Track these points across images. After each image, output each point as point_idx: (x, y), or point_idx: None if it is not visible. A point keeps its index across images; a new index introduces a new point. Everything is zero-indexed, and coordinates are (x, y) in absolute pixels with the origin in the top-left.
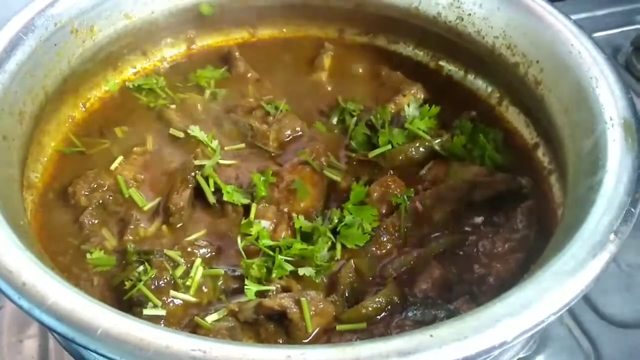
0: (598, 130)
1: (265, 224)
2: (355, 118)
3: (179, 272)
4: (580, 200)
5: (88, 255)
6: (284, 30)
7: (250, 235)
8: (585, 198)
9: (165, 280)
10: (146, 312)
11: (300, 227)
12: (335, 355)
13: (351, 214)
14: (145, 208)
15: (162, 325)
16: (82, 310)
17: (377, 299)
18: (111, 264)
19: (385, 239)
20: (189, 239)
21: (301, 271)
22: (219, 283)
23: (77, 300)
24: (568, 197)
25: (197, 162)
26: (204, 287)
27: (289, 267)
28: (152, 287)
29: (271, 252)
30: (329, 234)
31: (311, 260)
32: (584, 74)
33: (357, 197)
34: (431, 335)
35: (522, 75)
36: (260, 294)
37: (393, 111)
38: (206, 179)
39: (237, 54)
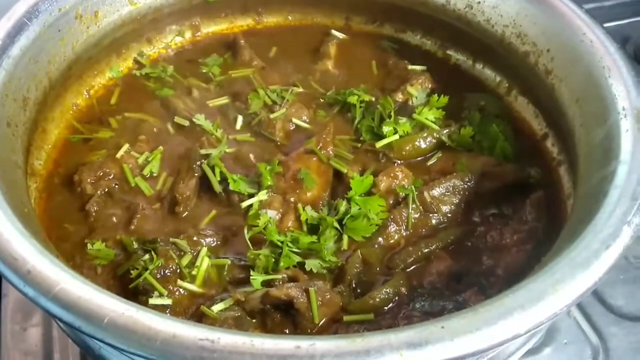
0: (610, 120)
1: (272, 213)
2: (361, 107)
3: (185, 261)
4: (592, 191)
5: (89, 246)
6: (290, 17)
7: (257, 226)
8: (598, 189)
9: (171, 269)
10: (152, 301)
11: (307, 219)
12: (345, 346)
13: (358, 205)
14: (151, 197)
15: (168, 314)
16: (88, 298)
17: (384, 290)
18: (109, 258)
19: (392, 229)
20: (201, 225)
21: (308, 266)
22: (225, 272)
23: (83, 289)
24: (579, 188)
25: (202, 151)
26: (209, 277)
27: (297, 258)
28: (158, 276)
29: (279, 243)
30: (336, 225)
31: (318, 251)
32: (596, 63)
33: (359, 188)
34: (442, 327)
35: (532, 64)
36: (267, 284)
37: (400, 100)
38: (212, 168)
39: (242, 41)
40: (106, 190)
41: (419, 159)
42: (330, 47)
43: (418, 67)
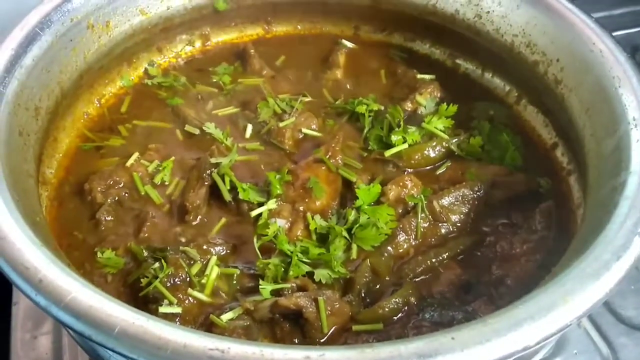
0: (620, 130)
1: (281, 222)
2: (370, 117)
3: (195, 269)
4: (603, 201)
5: (99, 254)
6: (299, 27)
7: (267, 235)
8: (608, 199)
9: (181, 278)
10: (162, 309)
11: (316, 228)
12: (354, 356)
13: (367, 214)
14: (161, 205)
15: (178, 323)
16: (99, 308)
17: (393, 299)
18: (119, 267)
19: (401, 239)
20: (211, 234)
21: (317, 277)
22: (234, 281)
23: (95, 298)
24: (589, 198)
25: (213, 160)
26: (219, 286)
27: (306, 268)
28: (168, 284)
29: (289, 252)
30: (345, 234)
31: (328, 261)
32: (606, 73)
33: (366, 198)
34: (452, 338)
35: (542, 74)
36: (276, 293)
37: (409, 109)
38: (222, 176)
39: (252, 51)
40: (116, 198)
41: (428, 168)
42: (339, 56)
43: (427, 76)
